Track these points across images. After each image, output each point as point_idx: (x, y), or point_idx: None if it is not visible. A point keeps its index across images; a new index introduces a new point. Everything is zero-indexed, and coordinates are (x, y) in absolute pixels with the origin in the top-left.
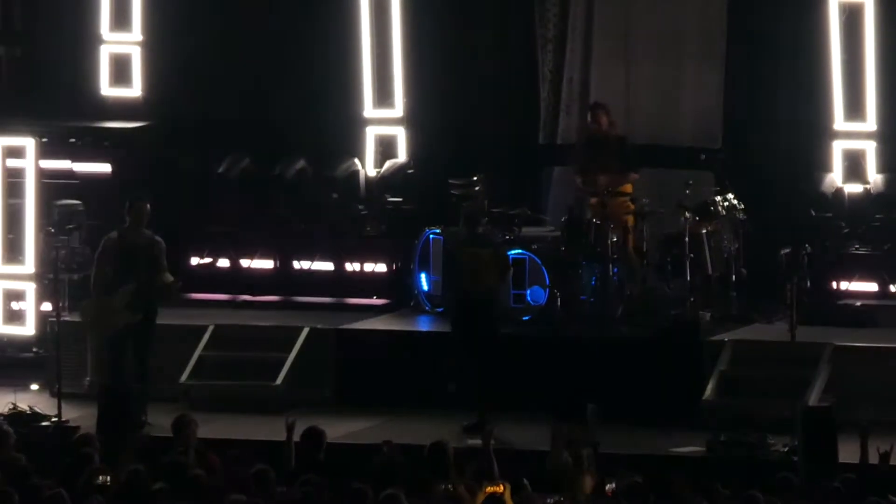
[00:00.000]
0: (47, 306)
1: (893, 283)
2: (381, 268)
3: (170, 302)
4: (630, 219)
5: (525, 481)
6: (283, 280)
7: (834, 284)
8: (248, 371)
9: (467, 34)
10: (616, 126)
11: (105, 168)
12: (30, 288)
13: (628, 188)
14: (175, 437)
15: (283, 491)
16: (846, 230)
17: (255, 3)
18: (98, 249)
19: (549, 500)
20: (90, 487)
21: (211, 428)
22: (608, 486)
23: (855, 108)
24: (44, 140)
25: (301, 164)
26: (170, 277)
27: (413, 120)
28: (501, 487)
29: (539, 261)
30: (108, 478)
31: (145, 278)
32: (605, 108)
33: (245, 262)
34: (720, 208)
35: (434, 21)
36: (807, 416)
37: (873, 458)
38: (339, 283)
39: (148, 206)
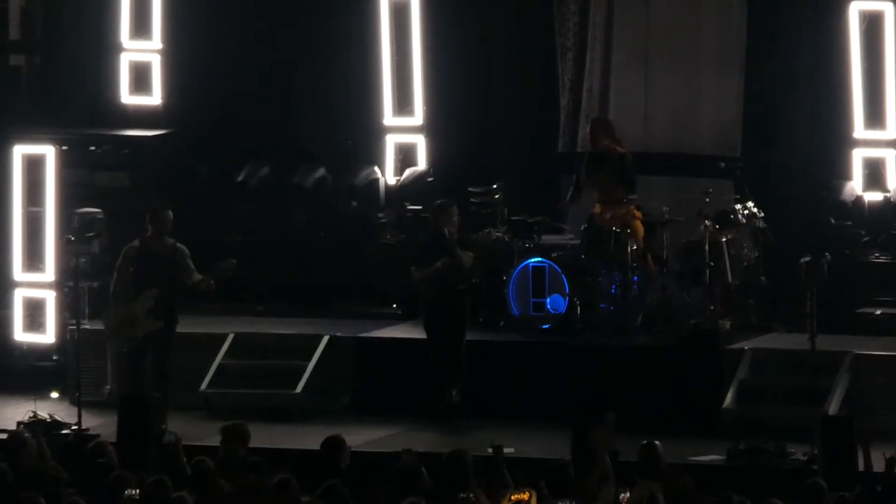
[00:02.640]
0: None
1: None
2: (401, 276)
3: (206, 297)
4: (637, 225)
5: (545, 489)
6: (302, 288)
7: (854, 293)
8: (267, 379)
9: (487, 42)
10: (619, 143)
11: (124, 176)
12: (50, 296)
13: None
14: (222, 444)
15: (306, 500)
16: (866, 238)
17: (274, 12)
18: (119, 258)
19: None
20: (115, 498)
21: None
22: (623, 496)
23: (875, 116)
24: (64, 148)
25: (320, 172)
26: (198, 276)
27: (433, 128)
28: (528, 495)
29: (559, 269)
30: (136, 491)
31: (166, 286)
32: (605, 125)
33: (264, 271)
34: (740, 216)
35: (454, 29)
36: (826, 425)
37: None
38: (359, 291)
39: (171, 214)
